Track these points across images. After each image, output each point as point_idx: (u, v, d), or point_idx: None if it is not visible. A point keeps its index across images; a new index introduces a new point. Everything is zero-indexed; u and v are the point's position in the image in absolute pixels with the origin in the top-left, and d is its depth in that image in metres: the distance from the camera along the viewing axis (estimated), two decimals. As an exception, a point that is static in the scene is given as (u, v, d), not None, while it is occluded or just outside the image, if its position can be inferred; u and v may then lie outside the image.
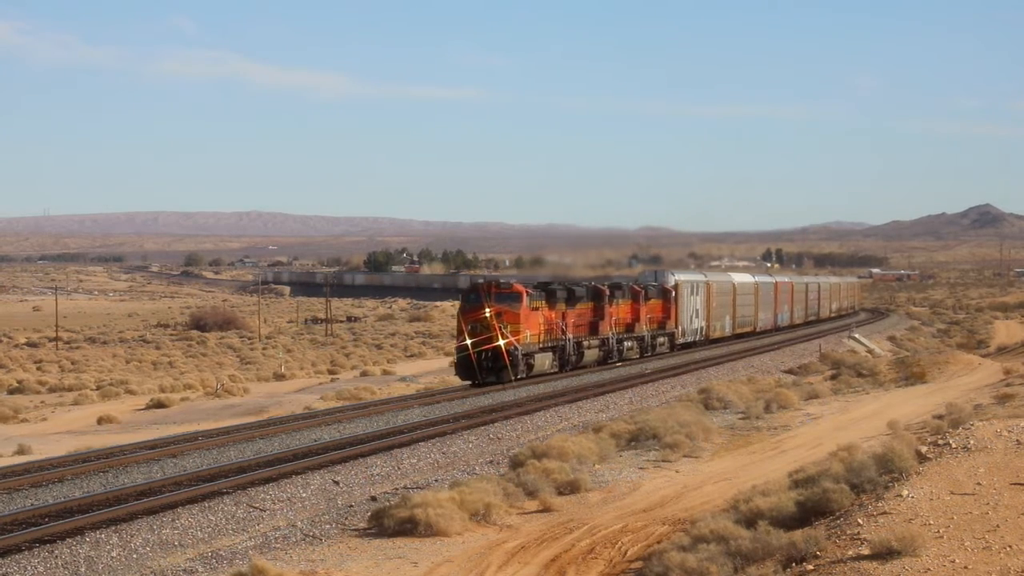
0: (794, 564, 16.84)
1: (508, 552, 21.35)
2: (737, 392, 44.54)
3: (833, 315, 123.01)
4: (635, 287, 61.49)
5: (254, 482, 26.10)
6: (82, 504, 23.76)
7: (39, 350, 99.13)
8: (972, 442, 22.06)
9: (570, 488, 26.59)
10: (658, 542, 21.09)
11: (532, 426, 37.09)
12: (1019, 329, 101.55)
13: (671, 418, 35.35)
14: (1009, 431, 22.83)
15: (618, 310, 58.25)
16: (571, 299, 52.40)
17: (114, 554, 20.69)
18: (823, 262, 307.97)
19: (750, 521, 19.41)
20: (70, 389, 63.85)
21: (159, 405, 53.70)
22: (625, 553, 21.05)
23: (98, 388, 63.08)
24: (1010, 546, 16.04)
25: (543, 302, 49.28)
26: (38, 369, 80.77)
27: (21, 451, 37.19)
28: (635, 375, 54.15)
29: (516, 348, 46.47)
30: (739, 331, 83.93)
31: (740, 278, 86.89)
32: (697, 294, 73.06)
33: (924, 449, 22.83)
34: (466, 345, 46.25)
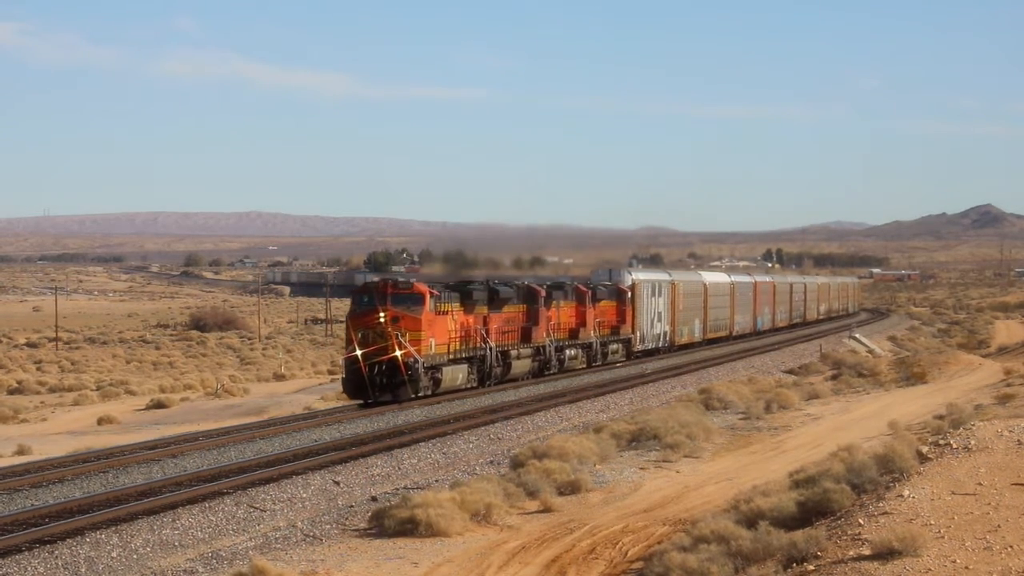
0: (795, 564, 16.82)
1: (509, 552, 21.35)
2: (737, 392, 44.54)
3: (821, 317, 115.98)
4: (580, 287, 55.08)
5: (254, 482, 26.11)
6: (82, 504, 23.76)
7: (39, 350, 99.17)
8: (973, 442, 22.05)
9: (571, 488, 26.58)
10: (659, 542, 21.08)
11: (532, 426, 37.12)
12: (1019, 329, 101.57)
13: (672, 418, 35.36)
14: (1010, 431, 22.82)
15: (559, 313, 51.86)
16: (494, 301, 45.82)
17: (114, 554, 20.69)
18: (823, 262, 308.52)
19: (751, 521, 19.39)
20: (70, 389, 63.85)
21: (159, 405, 53.69)
22: (626, 553, 21.04)
23: (98, 388, 63.08)
24: (1011, 546, 16.02)
25: (456, 304, 42.95)
26: (38, 369, 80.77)
27: (21, 451, 37.18)
28: (635, 375, 54.20)
29: (416, 360, 39.76)
30: (712, 336, 77.31)
31: (713, 277, 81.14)
32: (660, 295, 66.31)
33: (925, 449, 22.81)
34: (356, 356, 39.50)
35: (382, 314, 39.53)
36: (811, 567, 16.41)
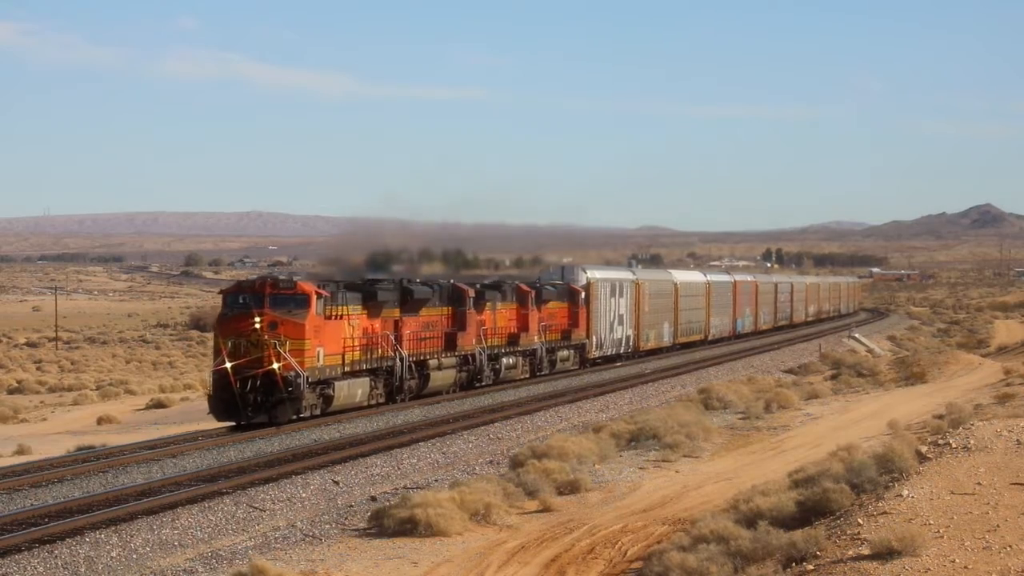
0: (794, 564, 16.84)
1: (508, 552, 21.36)
2: (737, 392, 44.54)
3: (810, 319, 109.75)
4: (522, 287, 49.23)
5: (254, 482, 26.14)
6: (82, 504, 23.77)
7: (39, 350, 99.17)
8: (972, 442, 22.06)
9: (570, 488, 26.59)
10: (658, 542, 21.09)
11: (532, 426, 37.13)
12: (1019, 329, 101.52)
13: (671, 418, 35.37)
14: (1009, 431, 22.84)
15: (494, 317, 46.35)
16: (408, 303, 39.90)
17: (114, 554, 20.70)
18: (823, 262, 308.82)
19: (750, 521, 19.41)
20: (70, 389, 63.87)
21: (159, 405, 53.66)
22: (625, 553, 21.05)
23: (98, 388, 63.09)
24: (1010, 546, 16.03)
25: (357, 307, 37.19)
26: (38, 369, 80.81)
27: (21, 451, 37.15)
28: (635, 375, 54.22)
29: (299, 374, 33.71)
30: (684, 340, 71.67)
31: (685, 276, 75.62)
32: (621, 295, 60.51)
33: (924, 449, 22.84)
34: (225, 370, 33.58)
35: (257, 319, 33.81)
36: (810, 567, 16.42)
